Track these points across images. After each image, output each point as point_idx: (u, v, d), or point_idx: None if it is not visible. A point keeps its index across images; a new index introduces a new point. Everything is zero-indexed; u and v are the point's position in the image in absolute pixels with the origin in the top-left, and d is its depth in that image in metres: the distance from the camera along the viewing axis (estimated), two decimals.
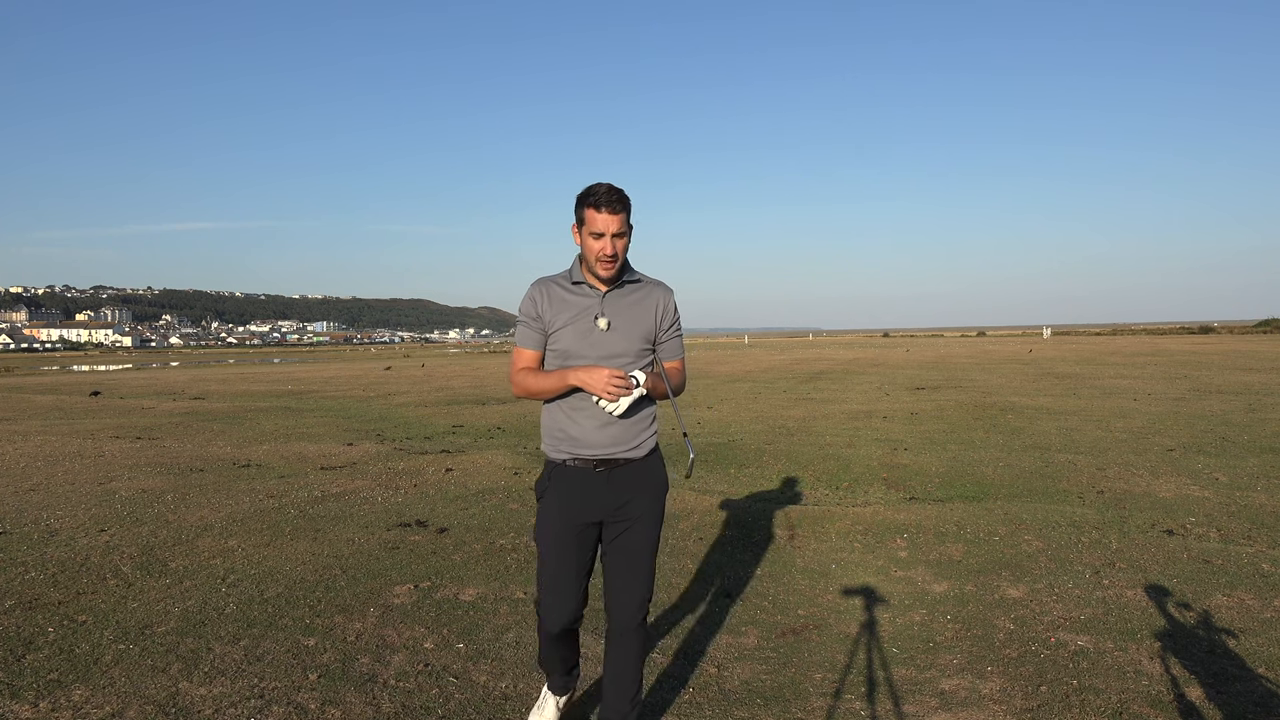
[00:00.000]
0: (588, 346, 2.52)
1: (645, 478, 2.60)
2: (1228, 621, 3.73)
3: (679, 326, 2.69)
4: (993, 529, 5.29)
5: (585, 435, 2.52)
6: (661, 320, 2.63)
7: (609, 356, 2.52)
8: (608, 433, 2.52)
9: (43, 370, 44.03)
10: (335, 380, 25.88)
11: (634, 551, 2.58)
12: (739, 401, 15.19)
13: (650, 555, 2.61)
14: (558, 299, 2.55)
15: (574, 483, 2.56)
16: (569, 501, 2.56)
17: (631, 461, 2.57)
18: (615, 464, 2.55)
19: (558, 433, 2.57)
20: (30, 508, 6.22)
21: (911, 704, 3.05)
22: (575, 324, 2.53)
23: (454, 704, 3.08)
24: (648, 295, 2.61)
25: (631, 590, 2.58)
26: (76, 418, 13.66)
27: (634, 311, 2.57)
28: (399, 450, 9.20)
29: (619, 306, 2.56)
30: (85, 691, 3.14)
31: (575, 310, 2.54)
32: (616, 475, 2.56)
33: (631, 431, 2.55)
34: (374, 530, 5.52)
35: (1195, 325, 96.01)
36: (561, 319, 2.54)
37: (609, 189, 2.44)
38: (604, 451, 2.53)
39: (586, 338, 2.52)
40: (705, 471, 7.81)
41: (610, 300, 2.55)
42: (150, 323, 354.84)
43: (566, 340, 2.53)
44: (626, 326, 2.55)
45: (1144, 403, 13.16)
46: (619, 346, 2.54)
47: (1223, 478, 6.97)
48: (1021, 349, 41.00)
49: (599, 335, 2.52)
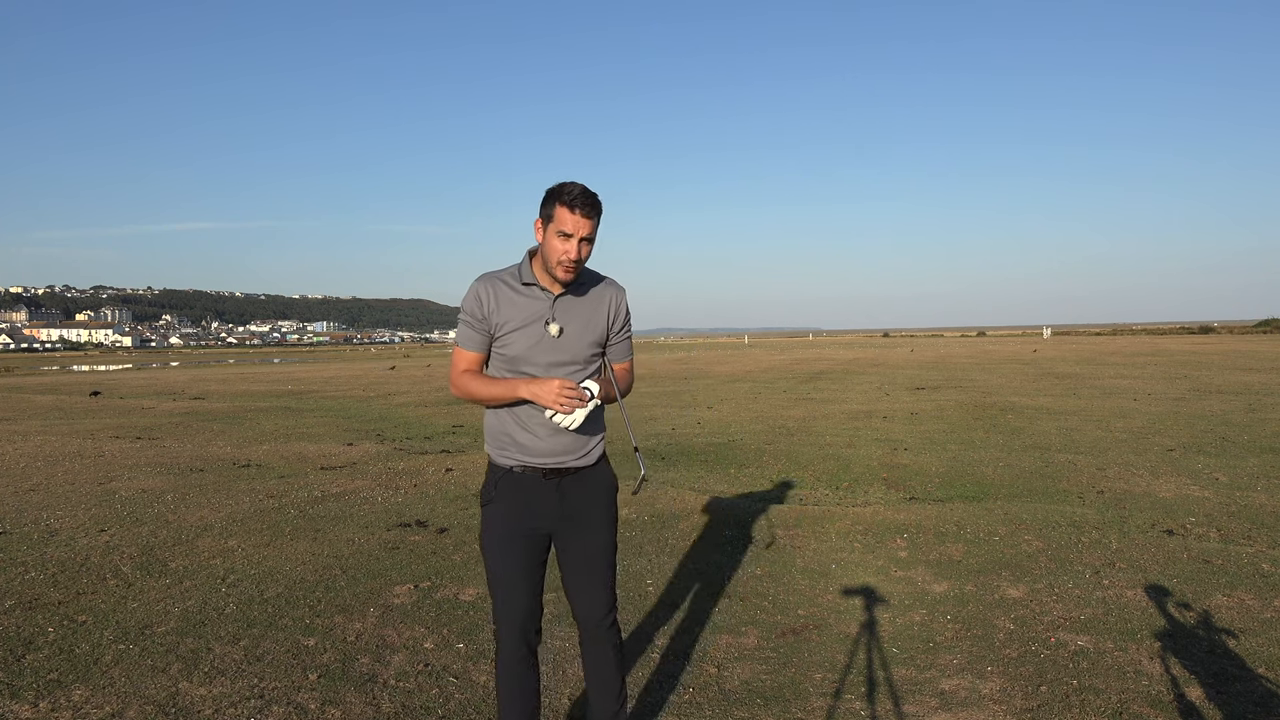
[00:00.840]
0: (538, 352, 2.39)
1: (596, 484, 2.50)
2: (1228, 621, 3.73)
3: (629, 328, 2.58)
4: (993, 529, 5.29)
5: (535, 443, 2.40)
6: (614, 322, 2.51)
7: (558, 364, 2.41)
8: (559, 441, 2.41)
9: (43, 370, 44.03)
10: (335, 380, 25.88)
11: (592, 556, 2.48)
12: (739, 401, 15.19)
13: (610, 558, 2.52)
14: (506, 300, 2.40)
15: (522, 491, 2.43)
16: (517, 509, 2.44)
17: (581, 469, 2.47)
18: (566, 472, 2.44)
19: (505, 439, 2.44)
20: (30, 508, 6.22)
21: (911, 704, 3.05)
22: (525, 329, 2.39)
23: (454, 704, 3.08)
24: (599, 296, 2.49)
25: (595, 595, 2.49)
26: (76, 418, 13.66)
27: (585, 314, 2.45)
28: (399, 450, 9.20)
29: (570, 310, 2.43)
30: (85, 691, 3.14)
31: (525, 314, 2.39)
32: (566, 483, 2.45)
33: (583, 439, 2.45)
34: (374, 530, 5.52)
35: (1195, 325, 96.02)
36: (511, 323, 2.39)
37: (584, 190, 2.31)
38: (555, 460, 2.42)
39: (537, 343, 2.39)
40: (705, 471, 7.81)
41: (562, 304, 2.41)
42: (150, 323, 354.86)
43: (516, 346, 2.40)
44: (578, 331, 2.43)
45: (1144, 403, 13.16)
46: (568, 353, 2.41)
47: (1223, 478, 6.97)
48: (1022, 349, 41.00)
49: (549, 341, 2.39)
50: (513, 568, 2.43)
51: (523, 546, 2.44)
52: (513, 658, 2.47)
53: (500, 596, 2.46)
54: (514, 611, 2.45)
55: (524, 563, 2.44)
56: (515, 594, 2.45)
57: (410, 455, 8.70)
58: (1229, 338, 55.02)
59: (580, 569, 2.49)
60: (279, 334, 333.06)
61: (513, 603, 2.45)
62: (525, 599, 2.46)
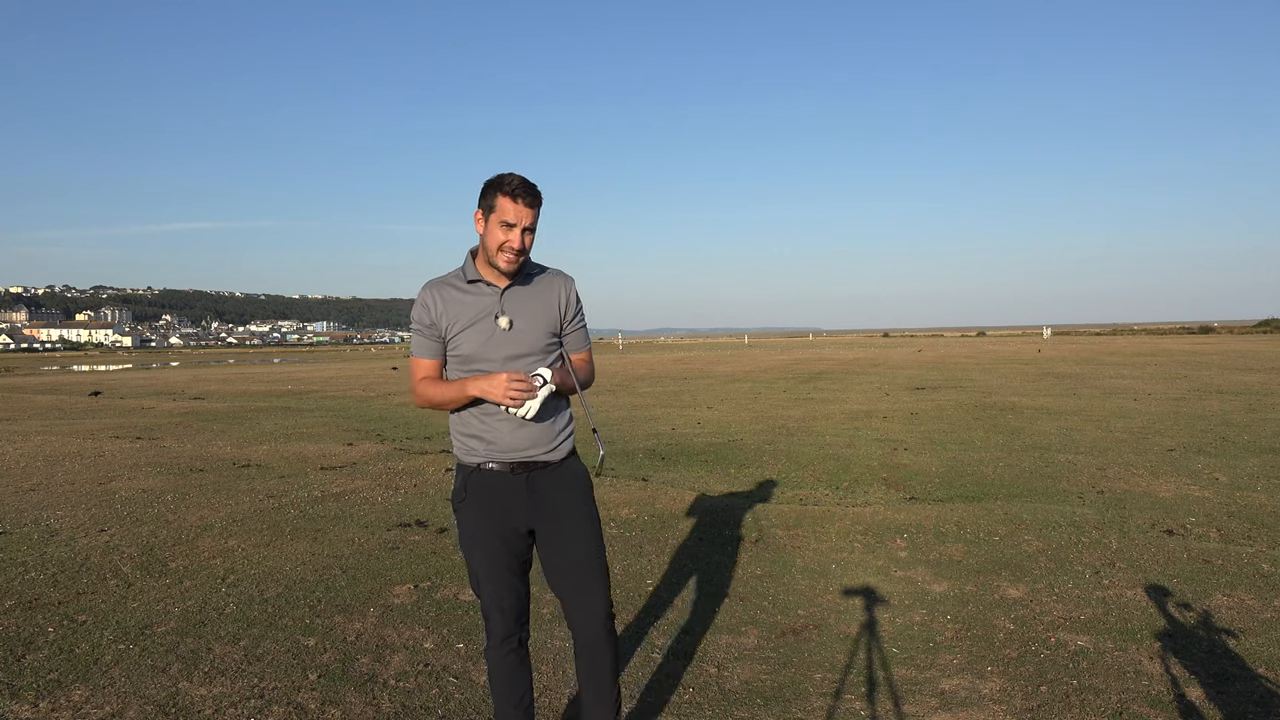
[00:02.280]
0: (491, 348, 2.37)
1: (566, 479, 2.46)
2: (1228, 621, 3.73)
3: (583, 317, 2.55)
4: (993, 529, 5.29)
5: (500, 438, 2.38)
6: (565, 311, 2.48)
7: (514, 357, 2.38)
8: (524, 434, 2.38)
9: (43, 370, 44.03)
10: (335, 380, 25.88)
11: (577, 559, 2.42)
12: (739, 401, 15.18)
13: (598, 560, 2.45)
14: (453, 301, 2.39)
15: (492, 488, 2.41)
16: (489, 509, 2.41)
17: (550, 464, 2.44)
18: (533, 466, 2.41)
19: (468, 437, 2.42)
20: (30, 508, 6.23)
21: (911, 704, 3.05)
22: (475, 326, 2.37)
23: (454, 704, 3.08)
24: (548, 286, 2.46)
25: (590, 598, 2.43)
26: (76, 418, 13.67)
27: (535, 305, 2.42)
28: (399, 450, 9.20)
29: (519, 302, 2.41)
30: (85, 691, 3.14)
31: (474, 311, 2.38)
32: (535, 479, 2.42)
33: (549, 433, 2.42)
34: (374, 530, 5.52)
35: (1195, 325, 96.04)
36: (460, 323, 2.38)
37: (524, 180, 2.31)
38: (521, 454, 2.39)
39: (488, 339, 2.37)
40: (705, 471, 7.81)
41: (510, 297, 2.40)
42: (150, 323, 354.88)
43: (468, 344, 2.38)
44: (529, 323, 2.40)
45: (1144, 403, 13.16)
46: (524, 345, 2.39)
47: (1223, 478, 6.97)
48: (1023, 349, 41.01)
49: (501, 335, 2.37)
50: (495, 565, 2.42)
51: (503, 545, 2.42)
52: (502, 652, 2.46)
53: (486, 594, 2.45)
54: (504, 611, 2.44)
55: (504, 559, 2.42)
56: (500, 589, 2.43)
57: (410, 455, 8.70)
58: (1229, 338, 55.04)
59: (567, 573, 2.44)
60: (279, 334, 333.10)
61: (499, 599, 2.43)
62: (511, 594, 2.44)
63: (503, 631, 2.44)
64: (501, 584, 2.43)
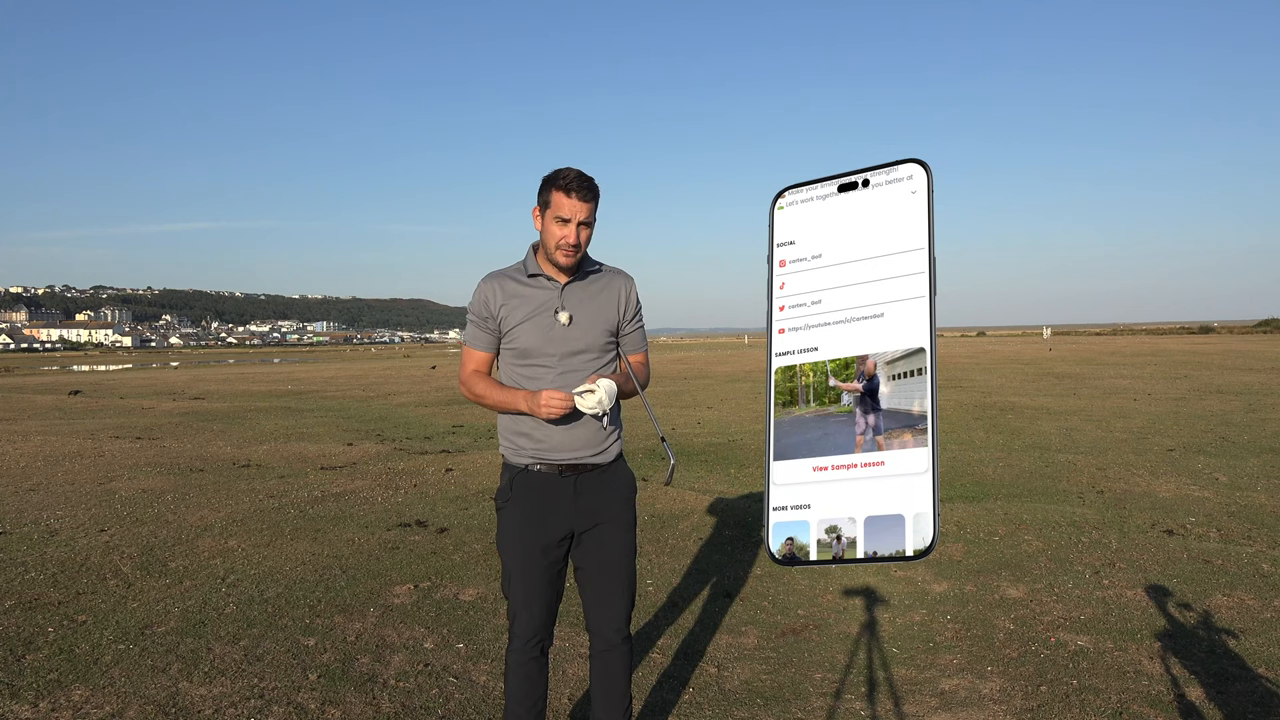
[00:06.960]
0: (549, 343, 2.35)
1: (614, 484, 2.45)
2: (1228, 621, 3.73)
3: (641, 317, 2.53)
4: (993, 529, 5.29)
5: (550, 437, 2.35)
6: (625, 311, 2.46)
7: (572, 353, 2.37)
8: (575, 435, 2.36)
9: (43, 370, 44.02)
10: (335, 380, 25.87)
11: (611, 562, 2.42)
12: (739, 401, 15.19)
13: (629, 564, 2.46)
14: (512, 293, 2.38)
15: (539, 490, 2.38)
16: (535, 511, 2.39)
17: (599, 467, 2.41)
18: (583, 469, 2.39)
19: (518, 435, 2.40)
20: (30, 508, 6.23)
21: (911, 704, 3.05)
22: (534, 319, 2.36)
23: (454, 704, 3.08)
24: (609, 285, 2.45)
25: (613, 603, 2.44)
26: (76, 418, 13.66)
27: (595, 303, 2.41)
28: (399, 450, 9.20)
29: (579, 298, 2.39)
30: (85, 691, 3.14)
31: (533, 305, 2.36)
32: (583, 482, 2.40)
33: (600, 435, 2.39)
34: (374, 530, 5.52)
35: (1195, 325, 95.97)
36: (518, 314, 2.36)
37: (580, 174, 2.30)
38: (571, 455, 2.36)
39: (547, 333, 2.35)
40: (706, 471, 7.81)
41: (570, 292, 2.38)
42: (150, 323, 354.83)
43: (525, 338, 2.36)
44: (588, 319, 2.39)
45: (1144, 403, 13.16)
46: (581, 341, 2.37)
47: (1223, 478, 6.97)
48: (1023, 349, 41.00)
49: (560, 330, 2.35)
50: (531, 571, 2.39)
51: (541, 550, 2.39)
52: (525, 659, 2.44)
53: (518, 599, 2.41)
54: (531, 615, 2.41)
55: (543, 566, 2.39)
56: (533, 597, 2.40)
57: (410, 455, 8.70)
58: (1229, 338, 55.03)
59: (598, 576, 2.44)
60: (279, 334, 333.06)
61: (531, 607, 2.40)
62: (543, 603, 2.41)
63: (526, 634, 2.42)
64: (533, 588, 2.40)
